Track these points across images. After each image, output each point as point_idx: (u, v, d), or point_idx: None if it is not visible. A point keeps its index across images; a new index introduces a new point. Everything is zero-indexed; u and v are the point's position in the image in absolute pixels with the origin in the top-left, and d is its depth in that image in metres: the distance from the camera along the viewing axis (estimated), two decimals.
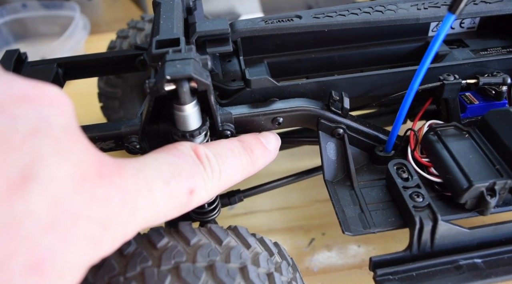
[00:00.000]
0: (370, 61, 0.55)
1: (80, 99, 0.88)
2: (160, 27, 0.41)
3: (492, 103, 0.47)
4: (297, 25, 0.45)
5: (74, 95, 0.82)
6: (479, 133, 0.43)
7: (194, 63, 0.35)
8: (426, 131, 0.45)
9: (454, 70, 0.47)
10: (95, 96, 0.72)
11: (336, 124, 0.44)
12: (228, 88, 0.45)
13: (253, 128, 0.44)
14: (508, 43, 0.55)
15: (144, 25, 0.66)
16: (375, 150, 0.46)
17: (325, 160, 0.44)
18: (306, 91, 0.45)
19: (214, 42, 0.45)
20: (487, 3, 0.48)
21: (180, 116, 0.37)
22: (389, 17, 0.46)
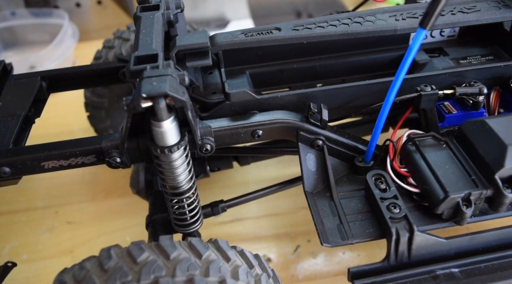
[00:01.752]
0: (352, 70, 0.56)
1: (69, 106, 0.89)
2: (139, 43, 0.42)
3: (470, 112, 0.48)
4: (276, 37, 0.46)
5: (63, 103, 0.83)
6: (456, 143, 0.44)
7: (170, 80, 0.35)
8: (405, 141, 0.45)
9: (432, 80, 0.47)
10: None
11: (315, 136, 0.45)
12: (209, 101, 0.46)
13: (233, 141, 0.44)
14: (488, 51, 0.56)
15: (130, 35, 0.66)
16: (354, 160, 0.46)
17: (305, 171, 0.45)
18: (285, 103, 0.46)
19: (194, 56, 0.45)
20: (464, 13, 0.49)
21: (158, 132, 0.37)
22: (367, 29, 0.47)
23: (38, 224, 0.69)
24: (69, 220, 0.70)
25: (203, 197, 0.72)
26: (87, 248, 0.66)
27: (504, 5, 0.50)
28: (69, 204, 0.72)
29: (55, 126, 0.87)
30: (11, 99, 0.50)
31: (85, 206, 0.72)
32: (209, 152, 0.43)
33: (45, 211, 0.71)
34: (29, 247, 0.66)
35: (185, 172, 0.41)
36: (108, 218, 0.70)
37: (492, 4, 0.50)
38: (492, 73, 0.48)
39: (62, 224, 0.69)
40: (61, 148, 0.42)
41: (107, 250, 0.38)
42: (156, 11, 0.47)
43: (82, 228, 0.68)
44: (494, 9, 0.49)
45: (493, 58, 0.55)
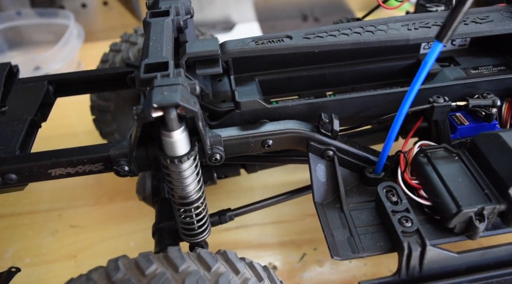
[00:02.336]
0: (362, 78, 0.55)
1: (74, 107, 0.88)
2: (149, 50, 0.41)
3: (482, 124, 0.47)
4: (287, 46, 0.45)
5: (68, 104, 0.83)
6: (469, 156, 0.43)
7: (181, 90, 0.35)
8: (416, 153, 0.45)
9: (444, 91, 0.47)
10: (89, 104, 0.72)
11: (326, 146, 0.44)
12: (218, 110, 0.45)
13: (243, 151, 0.44)
14: (499, 61, 0.55)
15: (137, 39, 0.66)
16: (365, 171, 0.46)
17: (315, 182, 0.44)
18: (296, 112, 0.45)
19: (204, 63, 0.44)
20: (477, 23, 0.48)
21: (168, 142, 0.36)
22: (379, 38, 0.46)
23: (42, 227, 0.69)
24: (73, 223, 0.69)
25: (208, 202, 0.72)
26: (91, 253, 0.65)
27: None
28: (72, 208, 0.71)
29: (59, 127, 0.86)
30: (17, 103, 0.49)
31: (89, 209, 0.71)
32: (219, 161, 0.42)
33: (49, 214, 0.71)
34: (32, 251, 0.65)
35: (194, 182, 0.40)
36: (112, 222, 0.69)
37: (505, 14, 0.50)
38: (505, 85, 0.48)
39: (65, 227, 0.69)
40: (69, 156, 0.41)
41: (114, 261, 0.37)
42: (166, 17, 0.46)
43: (86, 232, 0.68)
44: (508, 20, 0.49)
45: (505, 68, 0.54)
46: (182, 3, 0.49)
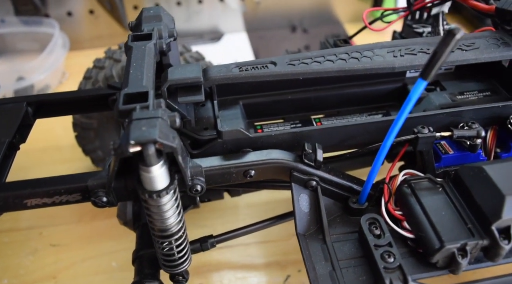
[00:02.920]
0: (348, 101, 0.55)
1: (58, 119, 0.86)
2: (130, 78, 0.40)
3: (467, 153, 0.47)
4: (271, 73, 0.45)
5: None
6: (453, 188, 0.43)
7: (160, 124, 0.34)
8: (400, 183, 0.44)
9: (429, 120, 0.46)
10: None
11: (309, 177, 0.44)
12: (200, 138, 0.44)
13: (225, 181, 0.43)
14: (485, 86, 0.55)
15: (121, 56, 0.65)
16: (348, 201, 0.45)
17: (298, 212, 0.44)
18: (279, 141, 0.44)
19: (186, 90, 0.44)
20: (463, 51, 0.48)
21: (146, 176, 0.36)
22: (365, 66, 0.45)
23: (21, 246, 0.67)
24: (54, 242, 0.68)
25: (191, 221, 0.71)
26: (71, 273, 0.64)
27: (503, 43, 0.49)
28: (54, 225, 0.70)
29: (41, 141, 0.85)
30: None
31: (70, 227, 0.70)
32: (200, 192, 0.41)
33: (29, 232, 0.69)
34: (10, 271, 0.64)
35: (174, 214, 0.39)
36: (94, 240, 0.68)
37: (491, 41, 0.49)
38: (489, 113, 0.48)
39: (46, 246, 0.67)
40: (45, 186, 0.40)
41: None
42: (148, 41, 0.45)
43: (67, 251, 0.67)
44: (493, 47, 0.48)
45: (490, 94, 0.54)
46: (165, 26, 0.48)
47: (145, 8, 0.50)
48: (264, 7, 1.13)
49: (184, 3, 1.08)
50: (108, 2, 1.01)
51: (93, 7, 1.05)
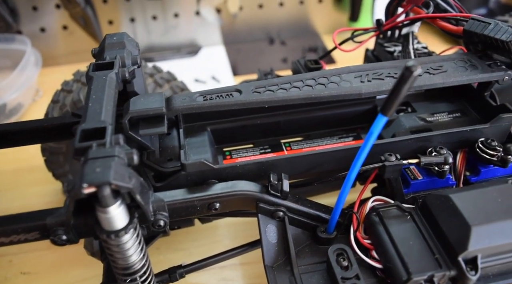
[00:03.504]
0: (318, 125, 0.54)
1: None
2: (88, 112, 0.39)
3: (436, 179, 0.46)
4: (236, 101, 0.44)
5: None
6: (421, 215, 0.42)
7: (116, 165, 0.33)
8: (368, 211, 0.44)
9: (397, 146, 0.46)
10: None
11: (276, 207, 0.43)
12: (163, 170, 0.43)
13: (189, 214, 0.42)
14: (455, 107, 0.55)
15: None
16: (317, 231, 0.44)
17: (265, 244, 0.43)
18: (245, 171, 0.44)
19: (148, 122, 0.43)
20: (431, 74, 0.47)
21: (103, 217, 0.35)
22: (331, 93, 0.45)
23: None
24: (24, 270, 0.66)
25: (165, 244, 0.70)
26: None
27: (471, 65, 0.49)
28: (24, 252, 0.68)
29: (13, 162, 0.83)
30: None
31: (41, 254, 0.68)
32: (163, 227, 0.40)
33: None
34: None
35: (136, 252, 0.38)
36: (66, 267, 0.66)
37: (459, 64, 0.49)
38: (458, 137, 0.47)
39: (16, 275, 0.65)
40: (1, 225, 0.39)
41: None
42: (110, 71, 0.44)
43: (38, 279, 0.65)
44: (461, 70, 0.48)
45: (460, 115, 0.54)
46: (129, 53, 0.47)
47: (108, 34, 0.49)
48: (241, 20, 1.13)
49: (160, 17, 1.07)
50: (81, 17, 0.99)
51: (67, 23, 1.04)
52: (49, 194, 0.79)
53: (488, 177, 0.48)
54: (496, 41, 0.47)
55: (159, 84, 0.63)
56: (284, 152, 0.51)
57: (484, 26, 0.49)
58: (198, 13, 1.08)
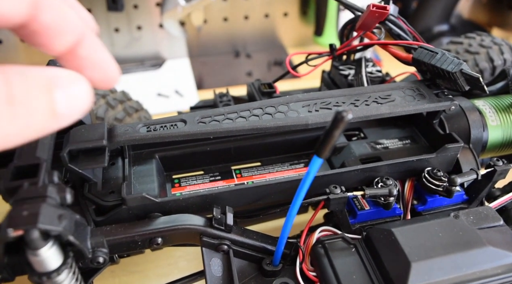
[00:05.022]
0: (269, 151, 0.54)
1: None
2: (22, 147, 0.38)
3: (382, 210, 0.46)
4: (179, 133, 0.43)
5: None
6: (365, 248, 0.42)
7: (45, 206, 0.32)
8: (314, 243, 0.44)
9: (344, 177, 0.46)
10: None
11: (220, 241, 0.42)
12: (104, 204, 0.42)
13: (130, 249, 0.41)
14: (405, 133, 0.55)
15: None
16: (262, 263, 0.44)
17: (209, 278, 0.42)
18: (189, 205, 0.43)
19: (88, 154, 0.41)
20: (378, 104, 0.48)
21: (34, 260, 0.33)
22: (277, 123, 0.45)
23: None
24: None
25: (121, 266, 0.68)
26: None
27: (419, 94, 0.49)
28: None
29: None
30: None
31: None
32: (103, 264, 0.39)
33: None
34: None
35: None
36: None
37: (407, 92, 0.50)
38: (405, 167, 0.47)
39: None
40: None
41: None
42: None
43: None
44: (409, 99, 0.49)
45: (410, 142, 0.54)
46: None
47: (51, 60, 0.48)
48: (206, 33, 1.12)
49: (122, 30, 1.05)
50: None
51: None
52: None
53: (434, 206, 0.48)
54: (443, 71, 0.48)
55: (112, 106, 0.62)
56: (234, 179, 0.51)
57: (431, 56, 0.49)
58: (162, 25, 1.07)
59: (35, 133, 0.27)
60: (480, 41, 0.74)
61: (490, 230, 0.42)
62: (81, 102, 0.29)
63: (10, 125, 0.25)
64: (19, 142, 0.26)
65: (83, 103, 0.29)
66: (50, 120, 0.27)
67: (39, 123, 0.26)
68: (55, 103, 0.27)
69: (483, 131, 0.54)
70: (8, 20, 0.28)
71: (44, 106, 0.26)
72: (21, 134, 0.26)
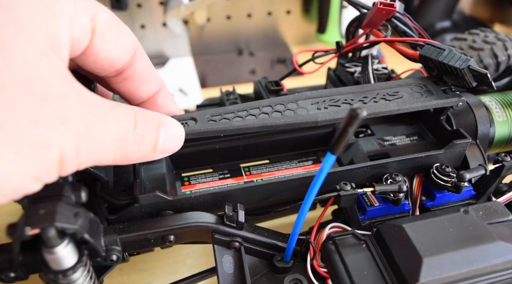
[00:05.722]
0: (278, 148, 0.54)
1: None
2: None
3: (391, 206, 0.47)
4: (190, 131, 0.43)
5: None
6: (376, 244, 0.43)
7: (61, 205, 0.32)
8: (325, 240, 0.44)
9: (353, 173, 0.46)
10: None
11: (232, 238, 0.43)
12: (116, 203, 0.42)
13: (143, 247, 0.41)
14: (413, 129, 0.56)
15: None
16: (273, 260, 0.44)
17: (221, 275, 0.42)
18: (200, 202, 0.43)
19: None
20: (386, 101, 0.48)
21: (50, 258, 0.34)
22: (287, 121, 0.45)
23: None
24: None
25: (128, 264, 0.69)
26: None
27: (427, 91, 0.50)
28: None
29: None
30: None
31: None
32: (116, 262, 0.40)
33: None
34: None
35: None
36: None
37: (415, 89, 0.50)
38: (413, 163, 0.48)
39: None
40: None
41: None
42: None
43: None
44: (417, 96, 0.49)
45: (417, 138, 0.54)
46: None
47: None
48: (209, 31, 1.12)
49: None
50: None
51: None
52: (10, 214, 0.77)
53: (443, 202, 0.49)
54: (450, 68, 0.48)
55: None
56: (243, 177, 0.51)
57: (438, 52, 0.49)
58: (165, 24, 1.07)
59: (138, 160, 0.34)
60: (484, 37, 0.74)
61: (500, 225, 0.42)
62: (176, 142, 0.38)
63: (131, 147, 0.33)
64: (129, 163, 0.34)
65: (177, 144, 0.38)
66: (151, 152, 0.35)
67: (145, 152, 0.34)
68: (160, 142, 0.35)
69: (490, 127, 0.54)
70: (117, 62, 0.36)
71: (151, 139, 0.34)
72: (131, 157, 0.33)
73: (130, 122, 0.32)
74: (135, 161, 0.34)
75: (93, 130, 0.29)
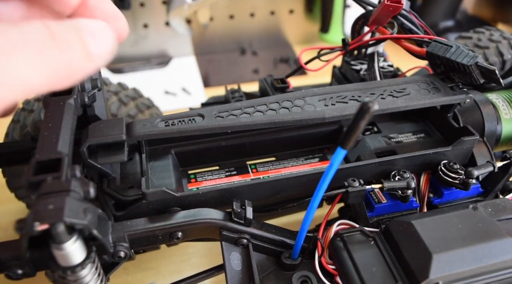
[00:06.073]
0: (284, 146, 0.54)
1: None
2: (43, 142, 0.38)
3: (399, 202, 0.47)
4: (198, 127, 0.43)
5: None
6: (384, 241, 0.42)
7: (70, 200, 0.32)
8: (333, 236, 0.44)
9: (361, 170, 0.46)
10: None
11: (240, 234, 0.42)
12: (124, 199, 0.42)
13: (151, 243, 0.41)
14: (419, 127, 0.55)
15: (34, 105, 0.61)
16: (281, 257, 0.44)
17: (229, 272, 0.42)
18: (208, 199, 0.43)
19: (107, 149, 0.42)
20: (394, 97, 0.48)
21: (58, 254, 0.33)
22: (294, 117, 0.45)
23: None
24: None
25: (134, 262, 0.68)
26: None
27: (434, 88, 0.50)
28: None
29: None
30: None
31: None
32: (124, 258, 0.39)
33: None
34: None
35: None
36: None
37: (422, 86, 0.50)
38: (421, 160, 0.48)
39: None
40: None
41: None
42: (68, 96, 0.43)
43: None
44: (424, 93, 0.49)
45: (424, 136, 0.54)
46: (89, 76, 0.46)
47: None
48: (212, 30, 1.12)
49: (129, 28, 1.05)
50: None
51: None
52: (14, 213, 0.77)
53: (450, 199, 0.48)
54: (458, 65, 0.48)
55: (124, 102, 0.62)
56: (250, 174, 0.51)
57: (446, 49, 0.49)
58: (168, 23, 1.07)
59: (78, 73, 0.29)
60: (489, 36, 0.74)
61: (509, 222, 0.42)
62: (107, 43, 0.32)
63: (59, 57, 0.27)
64: (68, 82, 0.29)
65: (109, 44, 0.32)
66: (86, 60, 0.30)
67: (78, 62, 0.29)
68: (87, 44, 0.30)
69: (497, 124, 0.54)
70: None
71: (78, 45, 0.29)
72: (68, 71, 0.28)
73: (44, 32, 0.27)
74: (79, 76, 0.29)
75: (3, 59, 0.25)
